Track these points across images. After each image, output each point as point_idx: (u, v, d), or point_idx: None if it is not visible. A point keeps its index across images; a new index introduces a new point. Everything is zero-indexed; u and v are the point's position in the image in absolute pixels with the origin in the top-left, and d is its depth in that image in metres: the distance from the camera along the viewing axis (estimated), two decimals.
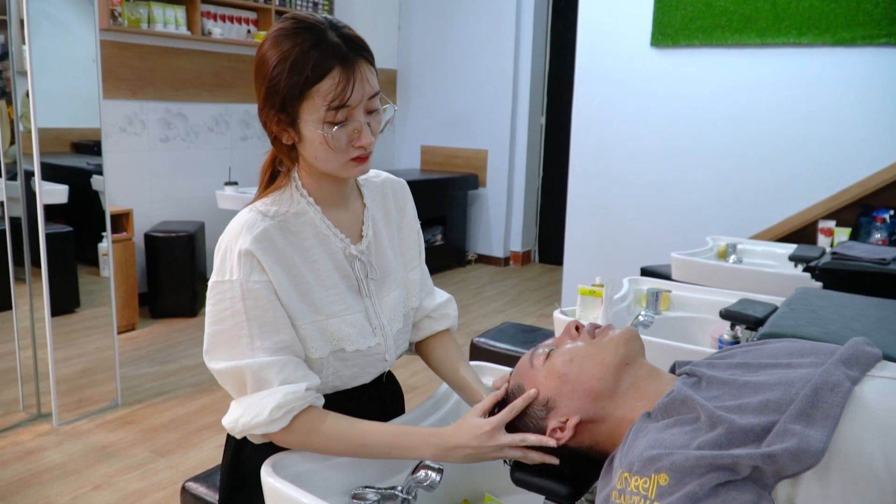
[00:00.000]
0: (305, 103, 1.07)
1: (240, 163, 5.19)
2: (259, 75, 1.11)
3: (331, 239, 1.20)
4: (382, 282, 1.28)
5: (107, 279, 3.32)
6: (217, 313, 1.12)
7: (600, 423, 1.02)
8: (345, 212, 1.25)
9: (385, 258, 1.29)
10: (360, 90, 1.08)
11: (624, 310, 2.14)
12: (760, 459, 0.79)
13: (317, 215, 1.20)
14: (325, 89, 1.06)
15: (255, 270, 1.10)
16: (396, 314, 1.29)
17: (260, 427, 1.08)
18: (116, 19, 4.25)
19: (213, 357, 1.13)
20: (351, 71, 1.07)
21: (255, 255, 1.10)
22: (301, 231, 1.18)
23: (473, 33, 6.20)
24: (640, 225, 4.22)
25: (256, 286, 1.10)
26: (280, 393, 1.08)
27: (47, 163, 2.97)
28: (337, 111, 1.07)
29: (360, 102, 1.09)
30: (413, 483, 1.11)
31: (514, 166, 6.35)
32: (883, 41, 3.39)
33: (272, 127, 1.13)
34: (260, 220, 1.13)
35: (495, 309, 5.04)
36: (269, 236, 1.12)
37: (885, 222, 3.37)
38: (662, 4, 3.93)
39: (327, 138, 1.09)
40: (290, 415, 1.09)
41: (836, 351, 0.92)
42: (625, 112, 4.18)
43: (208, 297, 1.13)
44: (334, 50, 1.06)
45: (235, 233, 1.12)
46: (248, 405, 1.10)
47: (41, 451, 2.81)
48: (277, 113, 1.10)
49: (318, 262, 1.18)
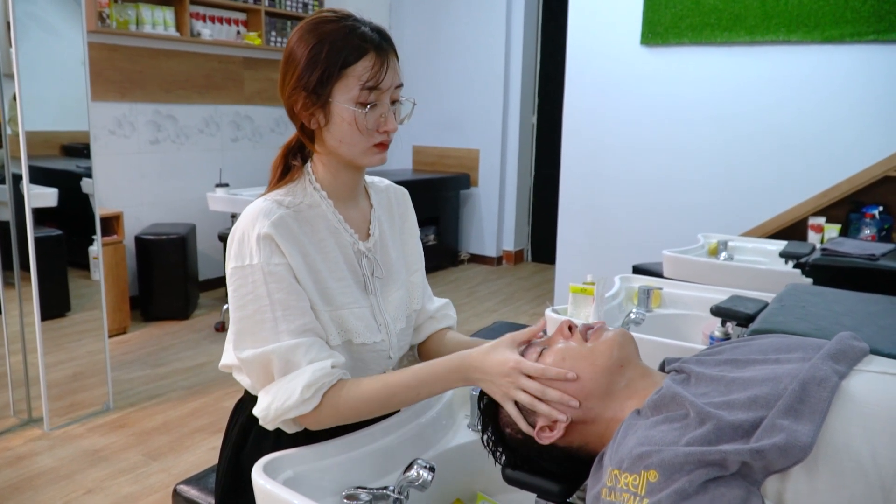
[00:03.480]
0: (340, 83, 1.12)
1: (230, 164, 5.18)
2: (291, 61, 1.15)
3: (341, 233, 1.23)
4: (387, 281, 1.30)
5: (97, 282, 3.30)
6: (239, 298, 1.13)
7: (590, 423, 1.02)
8: (354, 208, 1.27)
9: (389, 258, 1.31)
10: (391, 76, 1.15)
11: (615, 307, 2.14)
12: (749, 455, 0.79)
13: (329, 208, 1.22)
14: (360, 69, 1.12)
15: (276, 253, 1.12)
16: (400, 314, 1.31)
17: (293, 409, 1.09)
18: (104, 21, 4.23)
19: (239, 346, 1.13)
20: (384, 57, 1.14)
21: (274, 239, 1.12)
22: (315, 222, 1.20)
23: (464, 34, 6.20)
24: (631, 223, 4.23)
25: (278, 268, 1.11)
26: (308, 372, 1.09)
27: (36, 166, 2.96)
28: (370, 92, 1.13)
29: (389, 88, 1.15)
30: (405, 483, 1.11)
31: (506, 166, 6.35)
32: (871, 38, 3.41)
33: (300, 112, 1.16)
34: (276, 208, 1.15)
35: (488, 308, 5.04)
36: (286, 223, 1.14)
37: (874, 218, 3.39)
38: (652, 3, 3.94)
39: (357, 118, 1.13)
40: (321, 392, 1.09)
41: (824, 346, 0.93)
42: (616, 111, 4.19)
43: (229, 284, 1.15)
44: (370, 37, 1.13)
45: (252, 219, 1.14)
46: (276, 390, 1.10)
47: (32, 456, 2.79)
48: (309, 95, 1.13)
49: (331, 253, 1.20)
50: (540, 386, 1.02)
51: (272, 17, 5.33)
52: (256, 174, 5.29)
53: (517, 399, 1.04)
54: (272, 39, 5.33)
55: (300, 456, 1.13)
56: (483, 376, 1.07)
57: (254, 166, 5.34)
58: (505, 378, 1.04)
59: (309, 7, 5.55)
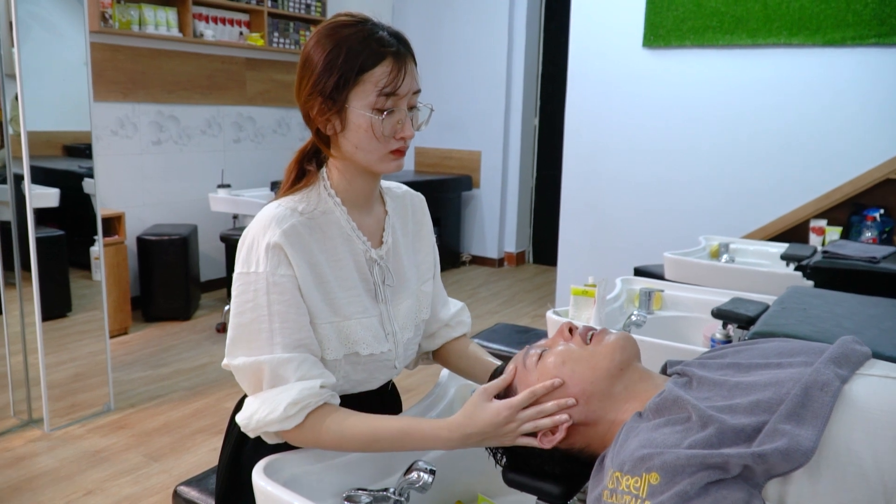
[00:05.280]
0: (357, 88, 1.11)
1: (232, 165, 5.18)
2: (308, 65, 1.14)
3: (354, 240, 1.21)
4: (398, 289, 1.28)
5: (98, 283, 3.30)
6: (240, 304, 1.12)
7: (592, 425, 1.02)
8: (368, 216, 1.26)
9: (401, 266, 1.30)
10: (409, 82, 1.13)
11: (617, 310, 2.14)
12: (751, 458, 0.79)
13: (342, 215, 1.20)
14: (378, 75, 1.10)
15: (283, 264, 1.11)
16: (408, 323, 1.29)
17: (274, 424, 1.08)
18: (107, 21, 4.23)
19: (232, 352, 1.13)
20: (402, 62, 1.13)
21: (283, 249, 1.11)
22: (328, 229, 1.18)
23: (467, 36, 6.21)
24: (633, 225, 4.23)
25: (282, 280, 1.11)
26: (296, 389, 1.08)
27: (38, 166, 2.96)
28: (387, 98, 1.11)
29: (407, 94, 1.14)
30: (405, 484, 1.11)
31: (508, 167, 6.36)
32: (872, 41, 3.41)
33: (316, 117, 1.15)
34: (289, 216, 1.14)
35: (490, 310, 5.04)
36: (298, 232, 1.13)
37: (875, 221, 3.38)
38: (654, 5, 3.94)
39: (374, 124, 1.12)
40: (305, 411, 1.09)
41: (826, 350, 0.92)
42: (617, 113, 4.19)
43: (233, 288, 1.14)
44: (388, 42, 1.12)
45: (264, 225, 1.13)
46: (262, 401, 1.09)
47: (33, 456, 2.79)
48: (325, 100, 1.12)
49: (342, 261, 1.19)
50: (535, 409, 1.03)
51: (275, 17, 5.33)
52: (258, 175, 5.30)
53: (525, 433, 1.04)
54: (275, 40, 5.33)
55: (301, 457, 1.13)
56: (484, 437, 1.06)
57: (256, 167, 5.34)
58: (505, 426, 1.04)
59: (312, 8, 5.55)
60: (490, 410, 1.05)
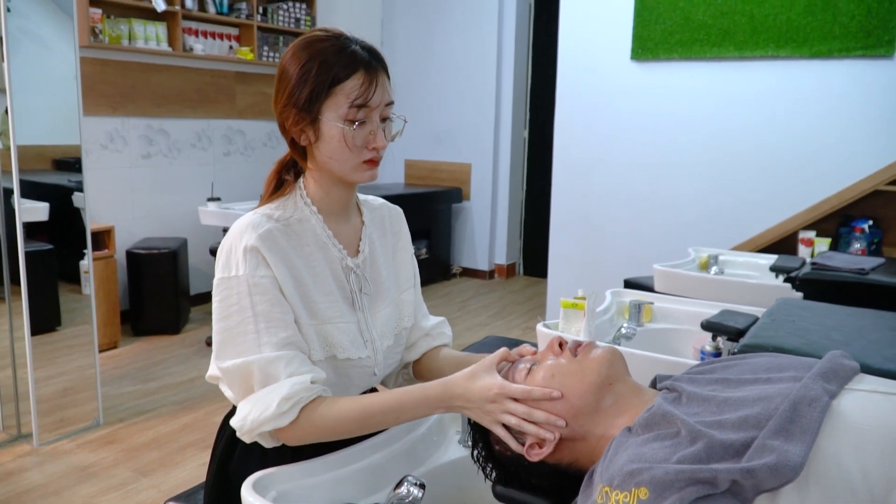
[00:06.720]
0: (329, 100, 1.14)
1: (222, 178, 5.17)
2: (283, 77, 1.17)
3: (329, 248, 1.23)
4: (375, 297, 1.30)
5: (88, 297, 3.28)
6: (223, 309, 1.14)
7: (580, 440, 1.02)
8: (345, 224, 1.28)
9: (379, 275, 1.31)
10: (380, 94, 1.17)
11: (607, 322, 2.14)
12: (739, 474, 0.79)
13: (318, 223, 1.23)
14: (349, 87, 1.14)
15: (261, 265, 1.13)
16: (388, 331, 1.31)
17: (269, 422, 1.09)
18: (97, 36, 4.23)
19: (220, 356, 1.14)
20: (374, 75, 1.16)
21: (260, 251, 1.13)
22: (303, 236, 1.21)
23: (456, 48, 6.23)
24: (623, 237, 4.24)
25: (263, 280, 1.13)
26: (287, 385, 1.09)
27: (28, 180, 2.95)
28: (358, 109, 1.15)
29: (378, 105, 1.17)
30: (395, 499, 1.10)
31: (498, 180, 6.37)
32: (859, 53, 3.44)
33: (290, 128, 1.18)
34: (265, 222, 1.16)
35: (480, 322, 5.04)
36: (274, 236, 1.15)
37: (864, 232, 3.41)
38: (642, 19, 3.97)
39: (346, 135, 1.15)
40: (298, 406, 1.09)
41: (815, 365, 0.93)
42: (606, 125, 4.21)
43: (214, 295, 1.16)
44: (360, 55, 1.16)
45: (240, 232, 1.15)
46: (254, 401, 1.10)
47: (21, 472, 2.77)
48: (299, 112, 1.15)
49: (318, 267, 1.21)
50: (526, 408, 1.03)
51: (264, 32, 5.34)
52: (248, 188, 5.29)
53: (505, 423, 1.04)
54: (264, 54, 5.34)
55: (290, 473, 1.12)
56: (467, 404, 1.07)
57: (246, 180, 5.33)
58: (491, 404, 1.04)
59: (301, 22, 5.56)
60: (484, 382, 1.06)
